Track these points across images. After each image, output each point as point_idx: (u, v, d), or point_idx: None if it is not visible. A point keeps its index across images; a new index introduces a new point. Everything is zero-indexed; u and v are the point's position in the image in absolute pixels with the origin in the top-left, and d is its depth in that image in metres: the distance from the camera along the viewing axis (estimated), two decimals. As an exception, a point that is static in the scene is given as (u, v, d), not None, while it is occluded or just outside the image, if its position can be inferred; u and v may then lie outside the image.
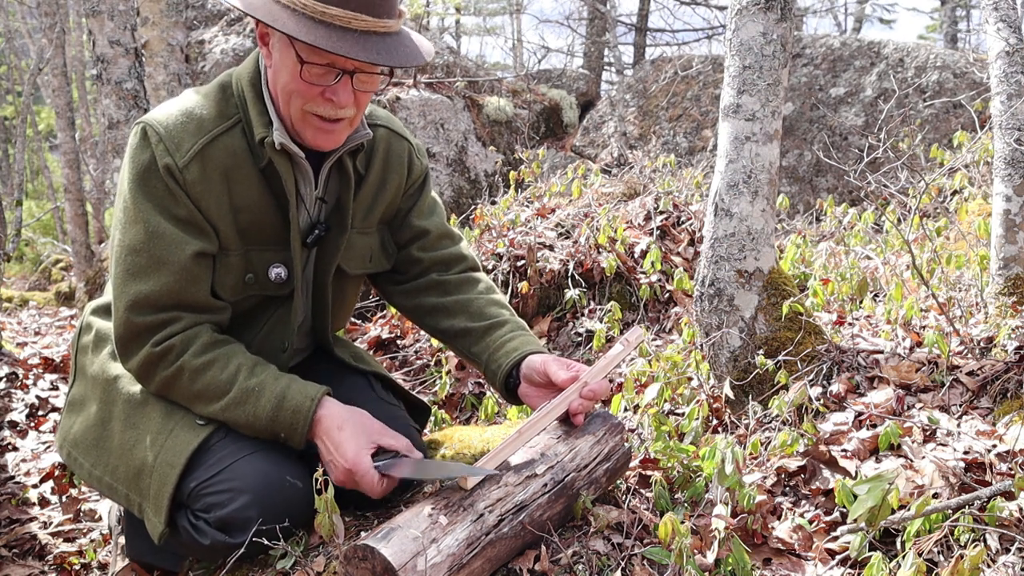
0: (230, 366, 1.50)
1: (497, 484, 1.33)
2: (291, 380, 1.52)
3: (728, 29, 2.16)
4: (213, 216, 1.53)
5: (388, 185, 1.77)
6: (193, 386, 1.50)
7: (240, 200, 1.55)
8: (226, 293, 1.59)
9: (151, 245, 1.49)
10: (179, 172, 1.48)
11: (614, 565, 1.34)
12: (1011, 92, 2.49)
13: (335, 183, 1.69)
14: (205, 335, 1.53)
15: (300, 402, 1.48)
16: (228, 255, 1.57)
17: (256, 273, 1.60)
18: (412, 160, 1.81)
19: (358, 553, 1.17)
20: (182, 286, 1.50)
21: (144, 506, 1.54)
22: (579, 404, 1.53)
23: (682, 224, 3.57)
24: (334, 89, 1.47)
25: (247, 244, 1.59)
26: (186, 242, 1.50)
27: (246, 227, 1.58)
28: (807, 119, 5.71)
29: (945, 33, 13.22)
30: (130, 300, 1.49)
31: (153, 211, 1.50)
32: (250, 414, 1.48)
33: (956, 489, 1.50)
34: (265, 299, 1.65)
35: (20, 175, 8.48)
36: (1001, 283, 2.41)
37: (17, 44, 12.63)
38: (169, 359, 1.50)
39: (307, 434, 1.49)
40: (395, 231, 1.85)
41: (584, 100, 8.65)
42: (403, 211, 1.84)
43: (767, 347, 2.07)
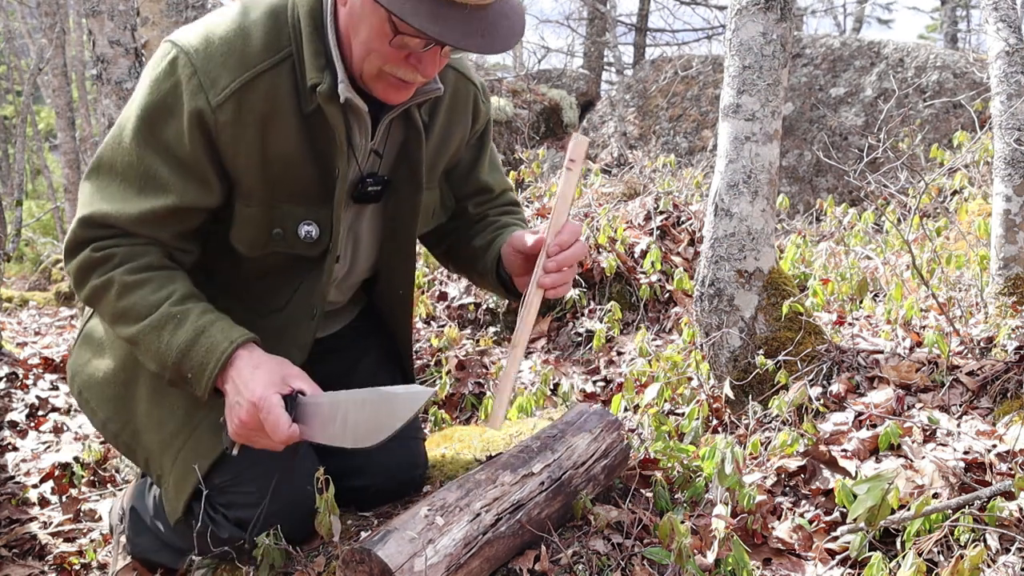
0: (163, 290, 1.34)
1: (493, 484, 1.33)
2: (219, 318, 1.35)
3: (728, 29, 2.16)
4: (240, 164, 1.37)
5: (453, 135, 1.60)
6: (119, 302, 1.34)
7: (275, 149, 1.38)
8: (245, 247, 1.45)
9: (138, 181, 1.35)
10: (211, 113, 1.31)
11: (614, 565, 1.34)
12: (1011, 92, 2.49)
13: (399, 136, 1.51)
14: (152, 255, 1.38)
15: (217, 343, 1.31)
16: (249, 206, 1.41)
17: (284, 229, 1.45)
18: (478, 106, 1.63)
19: (355, 556, 1.17)
20: (145, 223, 1.35)
21: (164, 480, 1.50)
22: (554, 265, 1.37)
23: (682, 224, 3.57)
24: (420, 57, 1.30)
25: (275, 197, 1.42)
26: (175, 193, 1.34)
27: (277, 178, 1.40)
28: (807, 119, 5.70)
29: (945, 33, 13.22)
30: (89, 215, 1.36)
31: (154, 152, 1.35)
32: (163, 343, 1.32)
33: (956, 489, 1.50)
34: (294, 259, 1.49)
35: (20, 175, 8.48)
36: (1001, 283, 2.41)
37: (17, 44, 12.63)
38: (105, 267, 1.35)
39: (216, 379, 1.31)
40: (455, 184, 1.69)
41: (584, 100, 8.65)
42: (466, 163, 1.68)
43: (767, 347, 2.06)
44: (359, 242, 1.59)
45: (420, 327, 3.28)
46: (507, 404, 1.36)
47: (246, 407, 1.27)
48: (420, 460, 1.73)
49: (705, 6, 10.57)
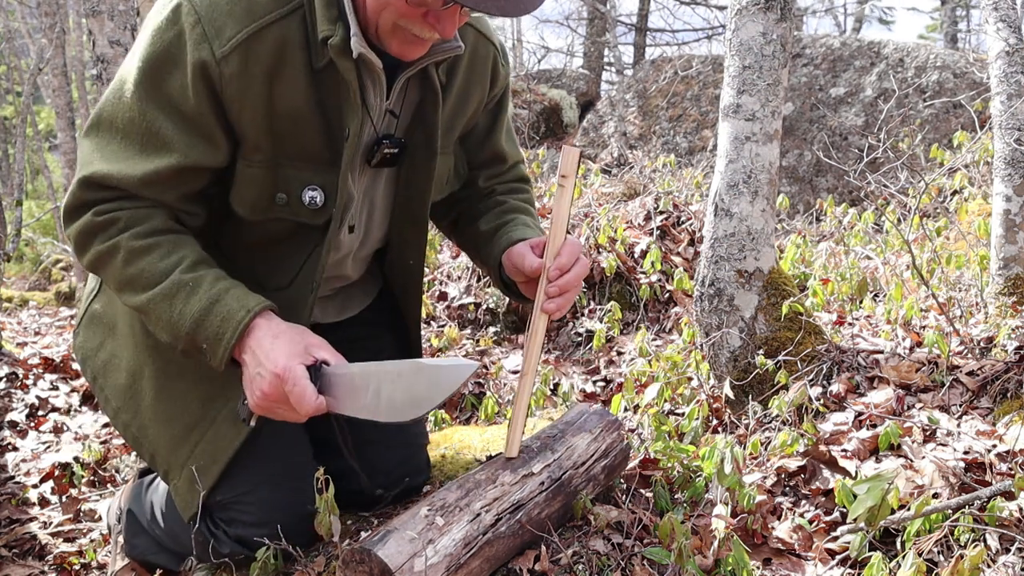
0: (172, 256, 1.28)
1: (493, 484, 1.33)
2: (233, 285, 1.29)
3: (728, 29, 2.16)
4: (245, 120, 1.30)
5: (471, 98, 1.52)
6: (126, 269, 1.28)
7: (282, 105, 1.30)
8: (246, 210, 1.37)
9: (140, 138, 1.28)
10: (215, 65, 1.24)
11: (614, 565, 1.34)
12: (1011, 92, 2.49)
13: (415, 96, 1.44)
14: (157, 218, 1.31)
15: (233, 311, 1.25)
16: (252, 166, 1.34)
17: (288, 194, 1.37)
18: (497, 68, 1.55)
19: (355, 556, 1.17)
20: (149, 185, 1.29)
21: (172, 476, 1.46)
22: (555, 290, 1.34)
23: (682, 224, 3.57)
24: (438, 15, 1.23)
25: (280, 158, 1.35)
26: (179, 152, 1.27)
27: (283, 137, 1.33)
28: (807, 119, 5.70)
29: (945, 33, 13.23)
30: (89, 175, 1.29)
31: (156, 106, 1.27)
32: (176, 312, 1.26)
33: (956, 489, 1.50)
34: (298, 228, 1.41)
35: (20, 175, 8.48)
36: (1001, 283, 2.41)
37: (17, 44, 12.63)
38: (109, 232, 1.29)
39: (233, 349, 1.26)
40: (470, 150, 1.62)
41: (584, 100, 8.65)
42: (482, 128, 1.61)
43: (767, 347, 2.06)
44: (373, 210, 1.52)
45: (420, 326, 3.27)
46: (521, 433, 1.37)
47: (269, 379, 1.22)
48: (422, 466, 1.71)
49: (705, 6, 10.57)
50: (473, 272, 3.43)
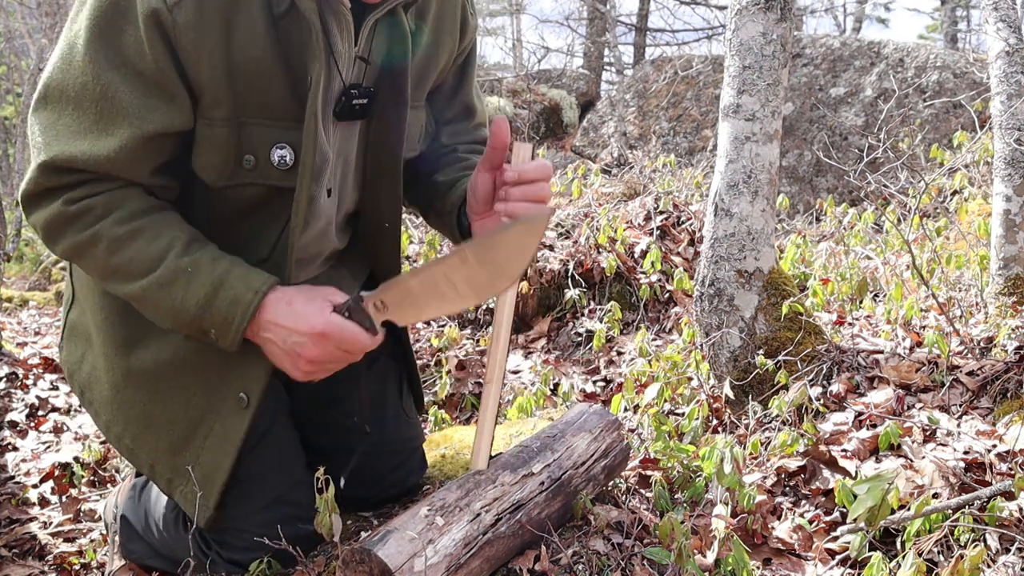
0: (161, 239, 1.20)
1: (493, 484, 1.33)
2: (234, 264, 1.23)
3: (728, 29, 2.16)
4: (203, 74, 1.18)
5: (442, 49, 1.44)
6: (111, 258, 1.20)
7: (241, 56, 1.20)
8: (212, 175, 1.27)
9: (98, 107, 1.17)
10: (167, 13, 1.13)
11: (614, 565, 1.34)
12: (1011, 92, 2.49)
13: (383, 43, 1.33)
14: (136, 199, 1.22)
15: (240, 294, 1.19)
16: (213, 124, 1.23)
17: (255, 155, 1.26)
18: (466, 17, 1.48)
19: (355, 556, 1.17)
20: (119, 164, 1.19)
21: (177, 485, 1.39)
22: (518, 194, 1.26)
23: (682, 224, 3.57)
24: None
25: (243, 115, 1.24)
26: (141, 117, 1.17)
27: (243, 92, 1.22)
28: (807, 119, 5.71)
29: (945, 33, 13.23)
30: (50, 160, 1.18)
31: (110, 66, 1.16)
32: (177, 299, 1.20)
33: (956, 489, 1.50)
34: (271, 192, 1.30)
35: (20, 175, 8.48)
36: (1001, 283, 2.41)
37: (17, 44, 12.63)
38: (85, 221, 1.20)
39: (244, 331, 1.21)
40: (438, 107, 1.54)
41: (584, 100, 8.65)
42: (451, 83, 1.53)
43: (767, 347, 2.06)
44: (348, 170, 1.42)
45: (420, 327, 3.28)
46: (490, 444, 1.33)
47: (310, 341, 1.18)
48: (416, 467, 1.69)
49: (705, 6, 10.57)
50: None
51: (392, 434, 1.66)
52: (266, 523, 1.38)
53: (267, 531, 1.35)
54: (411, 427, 1.72)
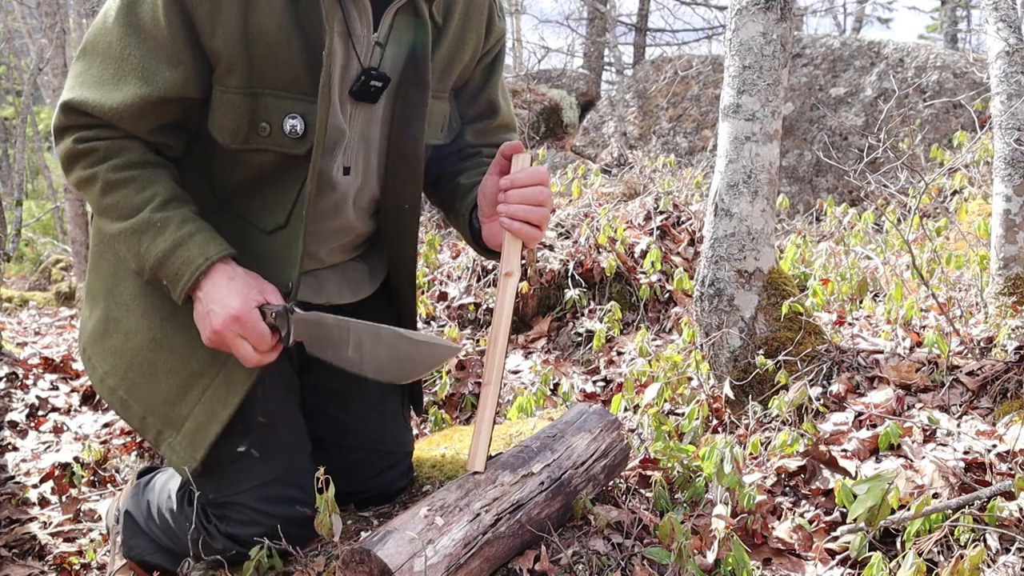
0: (145, 192, 1.33)
1: (493, 484, 1.33)
2: (198, 230, 1.33)
3: (728, 29, 2.16)
4: (219, 44, 1.28)
5: (466, 44, 1.51)
6: (103, 198, 1.34)
7: (259, 28, 1.28)
8: (225, 137, 1.37)
9: (114, 63, 1.30)
10: None
11: (614, 565, 1.34)
12: (1011, 92, 2.49)
13: (406, 31, 1.42)
14: (134, 151, 1.35)
15: (193, 257, 1.31)
16: (228, 91, 1.33)
17: (270, 123, 1.35)
18: (492, 18, 1.55)
19: (355, 557, 1.17)
20: (121, 117, 1.31)
21: (167, 436, 1.44)
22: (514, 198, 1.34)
23: (682, 224, 3.57)
24: None
25: (258, 85, 1.33)
26: (147, 80, 1.29)
27: (261, 63, 1.31)
28: (807, 119, 5.71)
29: (945, 33, 13.23)
30: (69, 100, 1.33)
31: (131, 31, 1.28)
32: (144, 249, 1.32)
33: (956, 489, 1.50)
34: (285, 159, 1.39)
35: (20, 175, 8.48)
36: (1001, 283, 2.41)
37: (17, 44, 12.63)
38: (89, 160, 1.34)
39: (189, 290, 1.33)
40: (463, 104, 1.61)
41: (584, 100, 8.65)
42: (476, 82, 1.60)
43: (767, 347, 2.06)
44: (370, 152, 1.49)
45: (420, 327, 3.28)
46: (487, 445, 1.34)
47: (223, 317, 1.29)
48: (404, 472, 1.69)
49: (705, 6, 10.57)
50: (473, 272, 3.43)
51: (389, 435, 1.67)
52: (266, 500, 1.42)
53: (267, 507, 1.40)
54: (406, 432, 1.73)
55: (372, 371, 1.32)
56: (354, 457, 1.60)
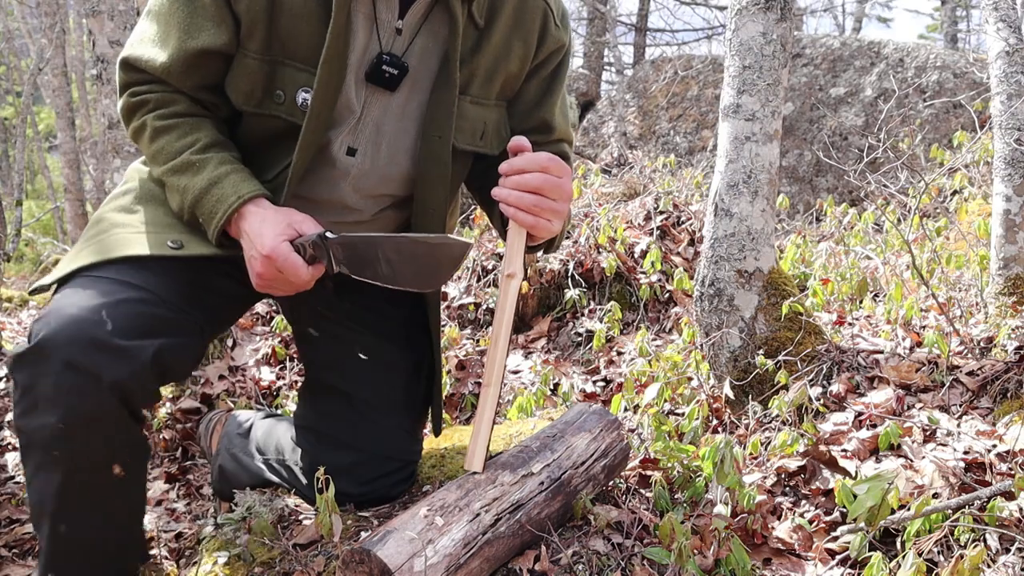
0: (189, 136, 1.40)
1: (493, 484, 1.33)
2: (234, 170, 1.38)
3: (728, 29, 2.16)
4: (241, 7, 1.35)
5: (512, 51, 1.48)
6: (151, 144, 1.42)
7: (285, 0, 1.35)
8: (239, 98, 1.42)
9: (165, 22, 1.39)
10: None
11: (614, 565, 1.34)
12: (1011, 92, 2.49)
13: (441, 27, 1.43)
14: (181, 103, 1.42)
15: (226, 195, 1.36)
16: (247, 57, 1.39)
17: (285, 93, 1.40)
18: (547, 28, 1.50)
19: (355, 556, 1.17)
20: (171, 71, 1.39)
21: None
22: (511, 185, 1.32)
23: (682, 224, 3.57)
24: None
25: (278, 54, 1.38)
26: (191, 35, 1.36)
27: (284, 33, 1.36)
28: (807, 119, 5.70)
29: (945, 33, 13.23)
30: (126, 56, 1.42)
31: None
32: (181, 186, 1.39)
33: (956, 489, 1.50)
34: (292, 128, 1.42)
35: (20, 175, 8.48)
36: (1001, 283, 2.41)
37: (17, 44, 12.63)
38: (141, 111, 1.42)
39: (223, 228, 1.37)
40: (516, 116, 1.57)
41: (584, 100, 8.64)
42: (532, 96, 1.56)
43: (767, 347, 2.06)
44: (381, 139, 1.49)
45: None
46: (486, 446, 1.33)
47: (260, 259, 1.33)
48: (404, 478, 1.67)
49: (705, 6, 10.57)
50: (473, 272, 3.43)
51: (392, 443, 1.65)
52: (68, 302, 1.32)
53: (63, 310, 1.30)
54: (412, 442, 1.70)
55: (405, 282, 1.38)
56: (355, 458, 1.60)
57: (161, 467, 2.41)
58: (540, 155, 1.32)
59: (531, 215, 1.32)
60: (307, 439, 1.68)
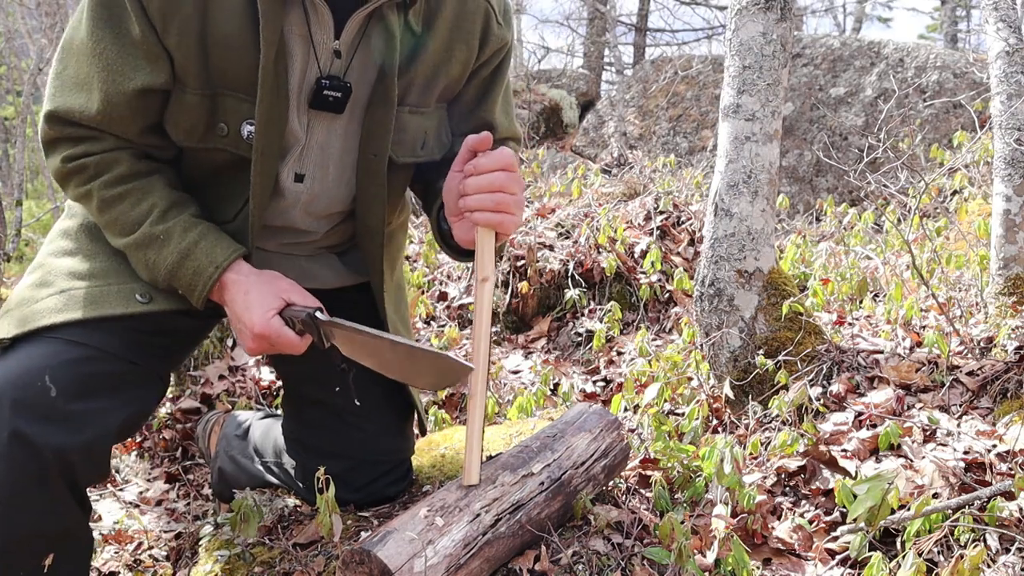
0: (142, 204, 1.30)
1: (493, 484, 1.33)
2: (202, 235, 1.30)
3: (728, 29, 2.16)
4: (172, 43, 1.23)
5: (454, 56, 1.41)
6: (101, 215, 1.32)
7: (216, 31, 1.24)
8: (180, 135, 1.33)
9: (92, 63, 1.25)
10: None
11: (614, 565, 1.34)
12: (1011, 92, 2.49)
13: (377, 41, 1.34)
14: (124, 164, 1.31)
15: (202, 266, 1.29)
16: (185, 93, 1.28)
17: (228, 125, 1.31)
18: (489, 27, 1.42)
19: (355, 557, 1.17)
20: (111, 118, 1.27)
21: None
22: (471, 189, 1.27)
23: (682, 224, 3.57)
24: None
25: (216, 87, 1.29)
26: (126, 75, 1.24)
27: (219, 66, 1.27)
28: (807, 119, 5.70)
29: (945, 33, 13.23)
30: (54, 108, 1.28)
31: (103, 25, 1.23)
32: (150, 261, 1.31)
33: (956, 489, 1.50)
34: (240, 160, 1.34)
35: (20, 175, 8.48)
36: (1001, 283, 2.41)
37: (17, 44, 12.62)
38: (81, 178, 1.30)
39: (207, 296, 1.31)
40: (455, 119, 1.51)
41: (584, 100, 8.65)
42: (471, 97, 1.50)
43: (767, 347, 2.06)
44: (328, 162, 1.42)
45: (420, 327, 3.28)
46: (479, 457, 1.32)
47: (251, 336, 1.28)
48: (400, 477, 1.67)
49: (705, 6, 10.57)
50: (473, 272, 3.43)
51: (383, 445, 1.64)
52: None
53: None
54: (403, 440, 1.69)
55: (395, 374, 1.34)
56: (345, 465, 1.57)
57: (161, 467, 2.40)
58: (501, 153, 1.28)
59: (497, 213, 1.27)
60: (295, 450, 1.68)
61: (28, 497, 1.19)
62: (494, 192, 1.26)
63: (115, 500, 2.19)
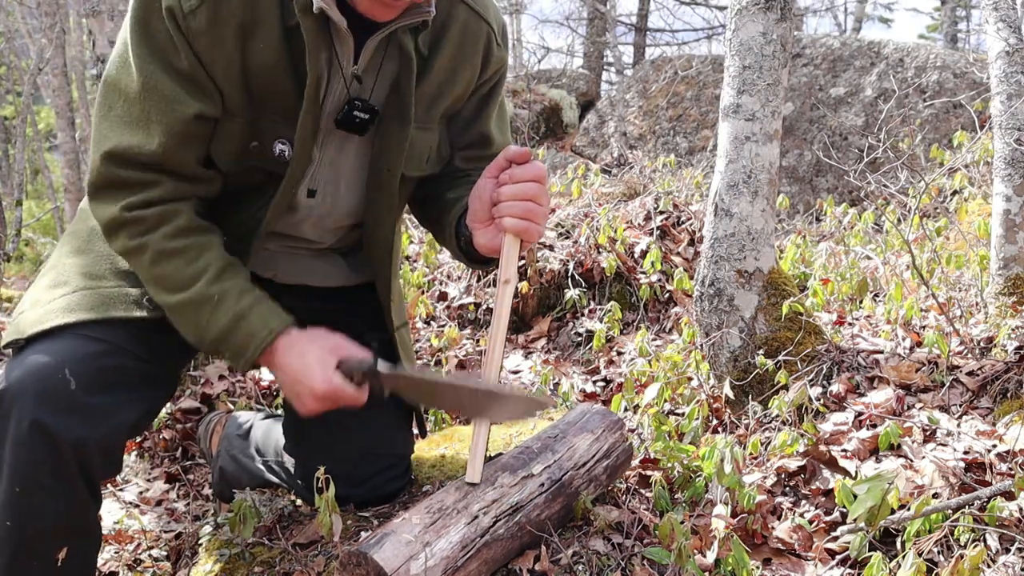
0: (198, 262, 1.31)
1: (492, 485, 1.33)
2: (256, 301, 1.33)
3: (728, 29, 2.16)
4: (219, 76, 1.29)
5: (459, 76, 1.48)
6: (153, 268, 1.31)
7: (255, 62, 1.30)
8: (223, 160, 1.37)
9: (145, 98, 1.27)
10: (182, 18, 1.23)
11: (614, 565, 1.34)
12: (1011, 92, 2.49)
13: (392, 65, 1.41)
14: (184, 216, 1.33)
15: (256, 330, 1.30)
16: (232, 121, 1.34)
17: (262, 142, 1.37)
18: (490, 49, 1.50)
19: (352, 559, 1.17)
20: (171, 150, 1.29)
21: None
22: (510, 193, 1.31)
23: (682, 224, 3.57)
24: None
25: (257, 112, 1.35)
26: (183, 102, 1.27)
27: (258, 93, 1.33)
28: (807, 119, 5.70)
29: (945, 33, 13.23)
30: (111, 148, 1.29)
31: (151, 59, 1.26)
32: (202, 321, 1.31)
33: (956, 489, 1.50)
34: (268, 175, 1.41)
35: (20, 175, 8.47)
36: (1001, 283, 2.41)
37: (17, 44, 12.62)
38: (137, 230, 1.30)
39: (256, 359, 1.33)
40: (454, 132, 1.57)
41: (584, 100, 8.65)
42: (469, 112, 1.56)
43: (767, 347, 2.06)
44: (339, 179, 1.49)
45: (420, 327, 3.28)
46: (483, 457, 1.34)
47: (312, 397, 1.30)
48: (400, 474, 1.67)
49: (705, 6, 10.57)
50: (473, 272, 3.43)
51: (383, 442, 1.65)
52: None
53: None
54: (402, 436, 1.70)
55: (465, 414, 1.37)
56: (345, 463, 1.58)
57: (161, 467, 2.40)
58: (535, 166, 1.34)
59: (525, 220, 1.32)
60: (295, 448, 1.69)
61: (46, 489, 1.21)
62: (526, 200, 1.31)
63: (115, 500, 2.19)
